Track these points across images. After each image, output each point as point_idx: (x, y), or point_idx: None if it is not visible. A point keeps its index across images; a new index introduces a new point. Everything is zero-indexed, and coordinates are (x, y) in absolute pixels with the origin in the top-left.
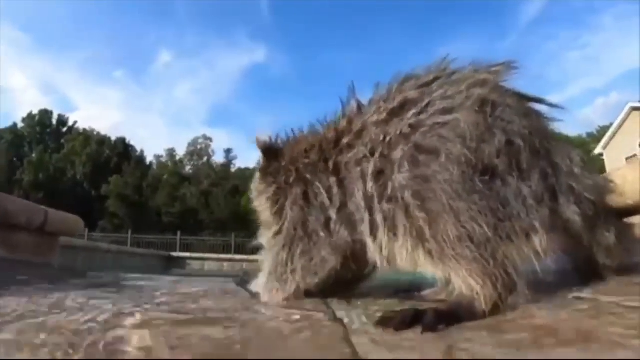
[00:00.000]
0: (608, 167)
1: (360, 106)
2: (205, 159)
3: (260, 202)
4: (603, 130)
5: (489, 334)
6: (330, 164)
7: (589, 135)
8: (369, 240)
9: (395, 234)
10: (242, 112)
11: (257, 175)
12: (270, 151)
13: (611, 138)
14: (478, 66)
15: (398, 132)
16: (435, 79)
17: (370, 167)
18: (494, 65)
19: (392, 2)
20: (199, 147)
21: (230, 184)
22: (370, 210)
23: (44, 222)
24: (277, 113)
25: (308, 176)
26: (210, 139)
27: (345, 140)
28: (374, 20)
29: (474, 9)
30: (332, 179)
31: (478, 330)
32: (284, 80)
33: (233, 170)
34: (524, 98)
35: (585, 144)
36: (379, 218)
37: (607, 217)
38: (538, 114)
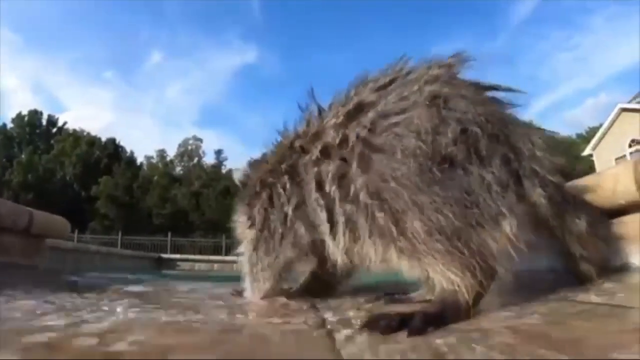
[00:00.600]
0: (598, 168)
1: (320, 110)
2: (195, 159)
3: (241, 223)
4: (592, 131)
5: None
6: (288, 167)
7: (579, 136)
8: (328, 240)
9: (358, 235)
10: (232, 113)
11: (236, 205)
12: (245, 179)
13: (601, 139)
14: (431, 62)
15: (355, 135)
16: (392, 80)
17: (330, 170)
18: (447, 59)
19: (384, 2)
20: (189, 148)
21: (221, 185)
22: (330, 211)
23: (29, 224)
24: (268, 114)
25: (270, 180)
26: (201, 140)
27: (301, 143)
28: (366, 20)
29: (465, 8)
30: (290, 180)
31: (467, 333)
32: (275, 80)
33: (223, 171)
34: (480, 87)
35: (575, 145)
36: (340, 219)
37: (578, 204)
38: (495, 101)
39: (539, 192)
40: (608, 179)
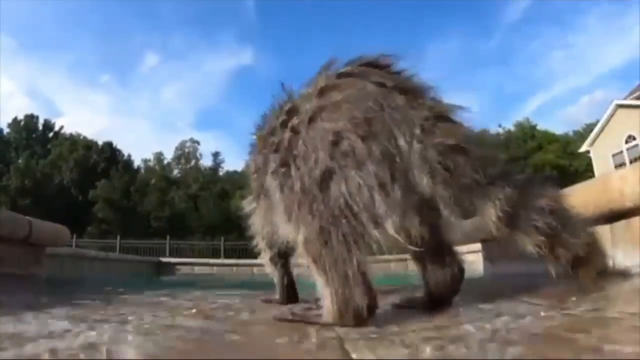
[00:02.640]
0: (595, 165)
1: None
2: (193, 162)
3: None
4: (589, 127)
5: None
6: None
7: (575, 133)
8: None
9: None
10: (229, 115)
11: None
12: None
13: (597, 135)
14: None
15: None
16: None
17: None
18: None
19: (378, 0)
20: (186, 150)
21: (218, 187)
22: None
23: (29, 234)
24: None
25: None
26: (198, 142)
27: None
28: (360, 19)
29: (460, 6)
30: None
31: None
32: (271, 82)
33: (221, 173)
34: (375, 79)
35: (572, 142)
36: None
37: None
38: (372, 96)
39: (427, 182)
40: (615, 181)
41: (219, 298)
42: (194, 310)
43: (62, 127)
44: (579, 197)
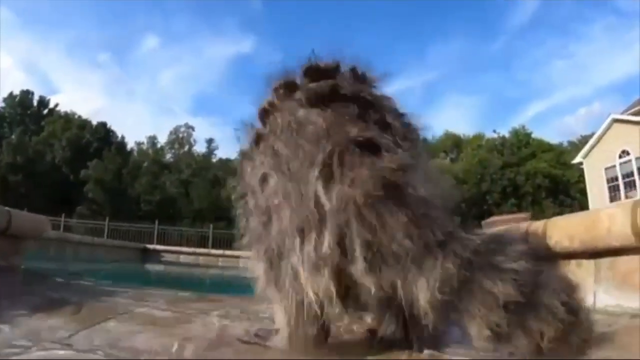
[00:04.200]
0: (587, 177)
1: None
2: (186, 147)
3: None
4: (584, 139)
5: None
6: None
7: (570, 143)
8: None
9: None
10: (225, 103)
11: None
12: None
13: (592, 148)
14: None
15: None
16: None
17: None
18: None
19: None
20: (180, 135)
21: (210, 174)
22: None
23: (8, 226)
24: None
25: None
26: (193, 128)
27: None
28: (364, 15)
29: (465, 9)
30: None
31: None
32: (269, 71)
33: (214, 160)
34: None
35: (566, 152)
36: None
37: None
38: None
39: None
40: (604, 219)
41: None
42: None
43: (57, 105)
44: (566, 229)
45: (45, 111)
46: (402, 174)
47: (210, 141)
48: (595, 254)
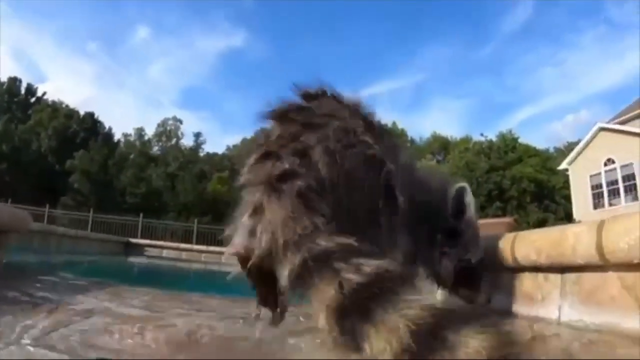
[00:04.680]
0: (572, 183)
1: None
2: (174, 140)
3: None
4: (570, 146)
5: None
6: None
7: (556, 149)
8: None
9: None
10: (214, 97)
11: None
12: None
13: (578, 154)
14: None
15: None
16: None
17: None
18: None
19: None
20: (168, 128)
21: (197, 168)
22: None
23: None
24: (249, 101)
25: None
26: (181, 121)
27: None
28: (357, 14)
29: (456, 13)
30: None
31: None
32: (260, 67)
33: (201, 154)
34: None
35: (552, 158)
36: None
37: None
38: None
39: None
40: (570, 237)
41: None
42: None
43: (44, 93)
44: (534, 244)
45: (33, 99)
46: None
47: (198, 135)
48: (561, 269)
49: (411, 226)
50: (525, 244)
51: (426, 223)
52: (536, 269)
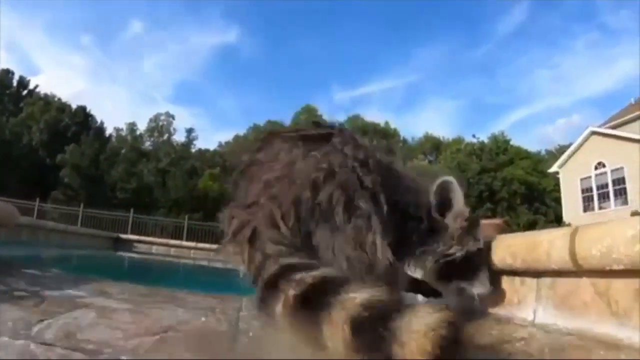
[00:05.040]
0: (562, 186)
1: None
2: (165, 136)
3: None
4: (562, 149)
5: None
6: None
7: (548, 152)
8: None
9: None
10: (207, 92)
11: None
12: None
13: (569, 158)
14: None
15: None
16: None
17: None
18: None
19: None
20: (160, 123)
21: (188, 164)
22: None
23: None
24: (242, 97)
25: None
26: (173, 117)
27: None
28: (351, 13)
29: (452, 14)
30: None
31: None
32: (253, 64)
33: (193, 150)
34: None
35: (543, 161)
36: None
37: None
38: None
39: None
40: (544, 243)
41: None
42: None
43: (37, 86)
44: (510, 248)
45: (25, 92)
46: None
47: (190, 131)
48: (537, 273)
49: (392, 226)
50: (501, 248)
51: (409, 221)
52: (514, 272)
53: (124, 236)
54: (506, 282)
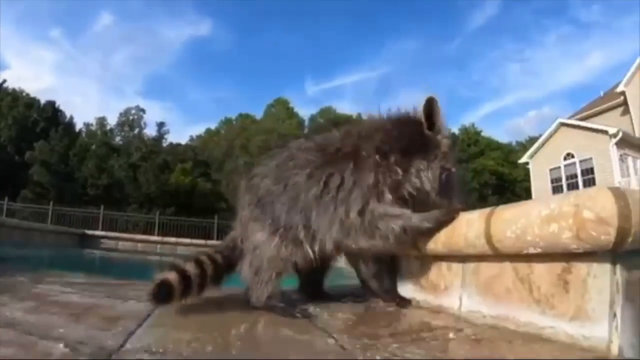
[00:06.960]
0: (532, 176)
1: None
2: (136, 130)
3: None
4: (532, 140)
5: None
6: None
7: (518, 143)
8: None
9: None
10: (178, 86)
11: None
12: None
13: (538, 149)
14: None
15: None
16: None
17: None
18: None
19: None
20: (130, 117)
21: (160, 158)
22: None
23: None
24: (214, 90)
25: None
26: (144, 111)
27: None
28: (324, 5)
29: (425, 7)
30: None
31: None
32: (225, 57)
33: (164, 144)
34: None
35: (514, 152)
36: None
37: None
38: None
39: None
40: (462, 225)
41: None
42: None
43: (4, 81)
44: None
45: None
46: None
47: (161, 125)
48: (462, 258)
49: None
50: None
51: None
52: (439, 258)
53: (89, 232)
54: (434, 267)
